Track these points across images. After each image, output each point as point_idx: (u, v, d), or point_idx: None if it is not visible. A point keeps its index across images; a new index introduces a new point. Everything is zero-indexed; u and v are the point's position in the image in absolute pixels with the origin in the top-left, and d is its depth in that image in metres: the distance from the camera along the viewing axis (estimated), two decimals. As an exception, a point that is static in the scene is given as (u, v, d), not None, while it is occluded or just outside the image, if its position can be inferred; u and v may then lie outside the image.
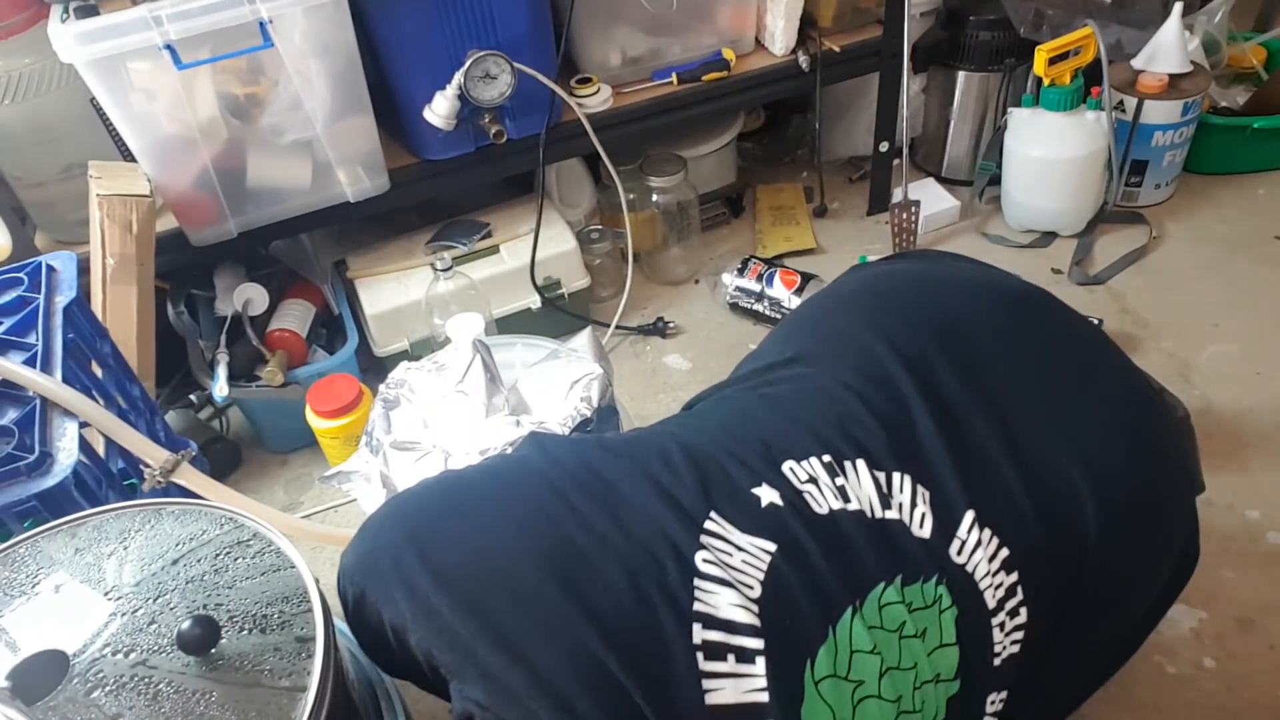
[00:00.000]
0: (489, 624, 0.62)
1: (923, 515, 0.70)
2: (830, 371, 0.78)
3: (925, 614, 0.68)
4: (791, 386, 0.79)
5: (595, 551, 0.65)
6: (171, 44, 1.12)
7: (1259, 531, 1.16)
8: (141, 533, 0.75)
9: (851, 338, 0.81)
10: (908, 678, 0.66)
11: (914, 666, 0.66)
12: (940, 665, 0.68)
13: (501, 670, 0.61)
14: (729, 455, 0.72)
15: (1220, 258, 1.61)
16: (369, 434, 1.03)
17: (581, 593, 0.63)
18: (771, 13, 1.53)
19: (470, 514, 0.70)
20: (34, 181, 1.29)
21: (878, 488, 0.71)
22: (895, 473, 0.72)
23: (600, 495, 0.69)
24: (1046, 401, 0.76)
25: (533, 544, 0.66)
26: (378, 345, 1.46)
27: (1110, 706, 1.00)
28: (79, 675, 0.63)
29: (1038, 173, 1.63)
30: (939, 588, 0.68)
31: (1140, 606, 0.82)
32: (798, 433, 0.74)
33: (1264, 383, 1.36)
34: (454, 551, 0.67)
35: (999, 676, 0.70)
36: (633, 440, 0.76)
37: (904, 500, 0.71)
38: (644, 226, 1.63)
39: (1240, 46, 1.84)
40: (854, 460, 0.72)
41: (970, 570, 0.70)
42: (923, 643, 0.67)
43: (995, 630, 0.70)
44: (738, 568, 0.65)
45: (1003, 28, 1.64)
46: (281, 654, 0.66)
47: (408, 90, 1.34)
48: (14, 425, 0.83)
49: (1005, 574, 0.70)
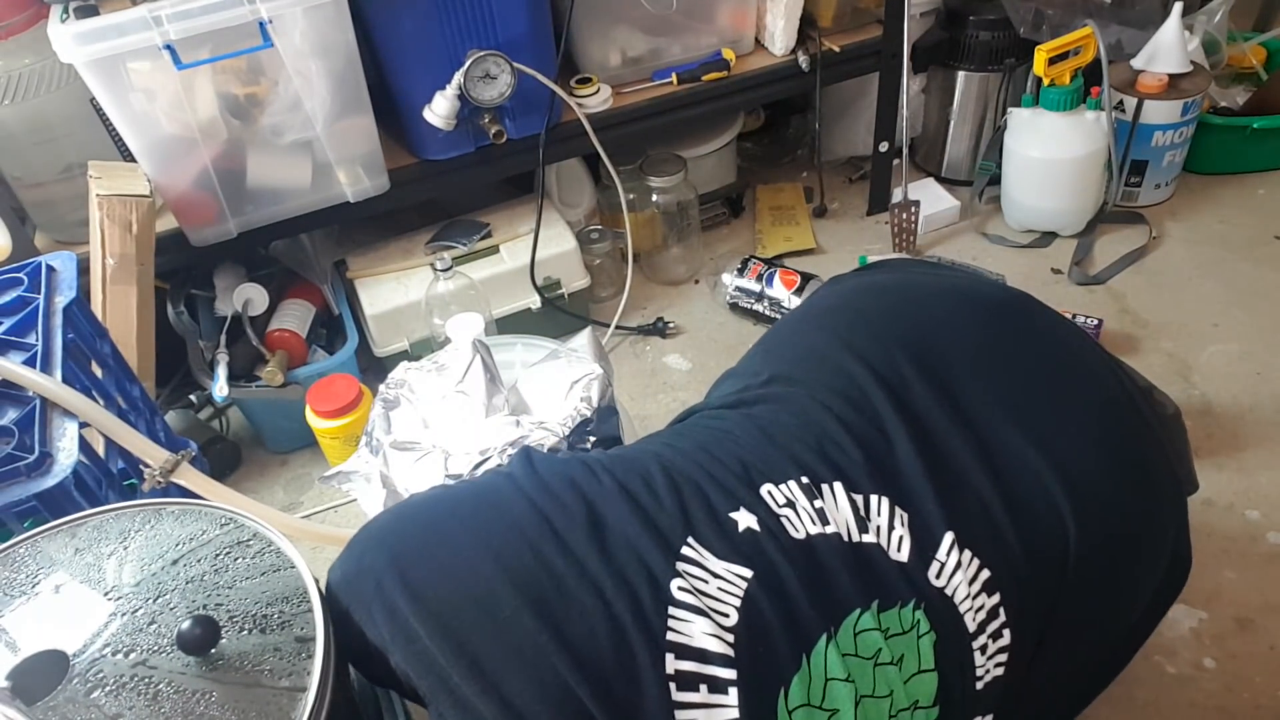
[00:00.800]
0: (464, 651, 0.62)
1: (900, 538, 0.70)
2: (807, 392, 0.79)
3: (902, 640, 0.67)
4: (769, 407, 0.80)
5: (572, 577, 0.65)
6: (171, 44, 1.12)
7: (1259, 531, 1.16)
8: (141, 533, 0.75)
9: (827, 358, 0.81)
10: (883, 706, 0.66)
11: (889, 694, 0.66)
12: (918, 692, 0.67)
13: (474, 697, 0.61)
14: (708, 477, 0.72)
15: (1220, 258, 1.61)
16: (369, 434, 1.03)
17: (556, 620, 0.63)
18: (771, 13, 1.53)
19: (451, 537, 0.70)
20: (34, 181, 1.29)
21: (855, 510, 0.71)
22: (873, 495, 0.72)
23: (580, 517, 0.69)
24: (1023, 414, 0.76)
25: (511, 569, 0.66)
26: (378, 345, 1.46)
27: (1110, 707, 1.00)
28: (79, 675, 0.63)
29: (1038, 173, 1.63)
30: (916, 613, 0.68)
31: (1127, 616, 0.81)
32: (776, 455, 0.74)
33: (1264, 383, 1.36)
34: (434, 575, 0.67)
35: (982, 700, 0.70)
36: (616, 459, 0.77)
37: (881, 523, 0.71)
38: (644, 226, 1.63)
39: (1240, 46, 1.85)
40: (831, 483, 0.72)
41: (950, 594, 0.69)
42: (899, 670, 0.67)
43: (977, 654, 0.69)
44: (713, 595, 0.65)
45: (1003, 28, 1.64)
46: (281, 654, 0.66)
47: (408, 90, 1.34)
48: (14, 425, 0.83)
49: (986, 596, 0.70)
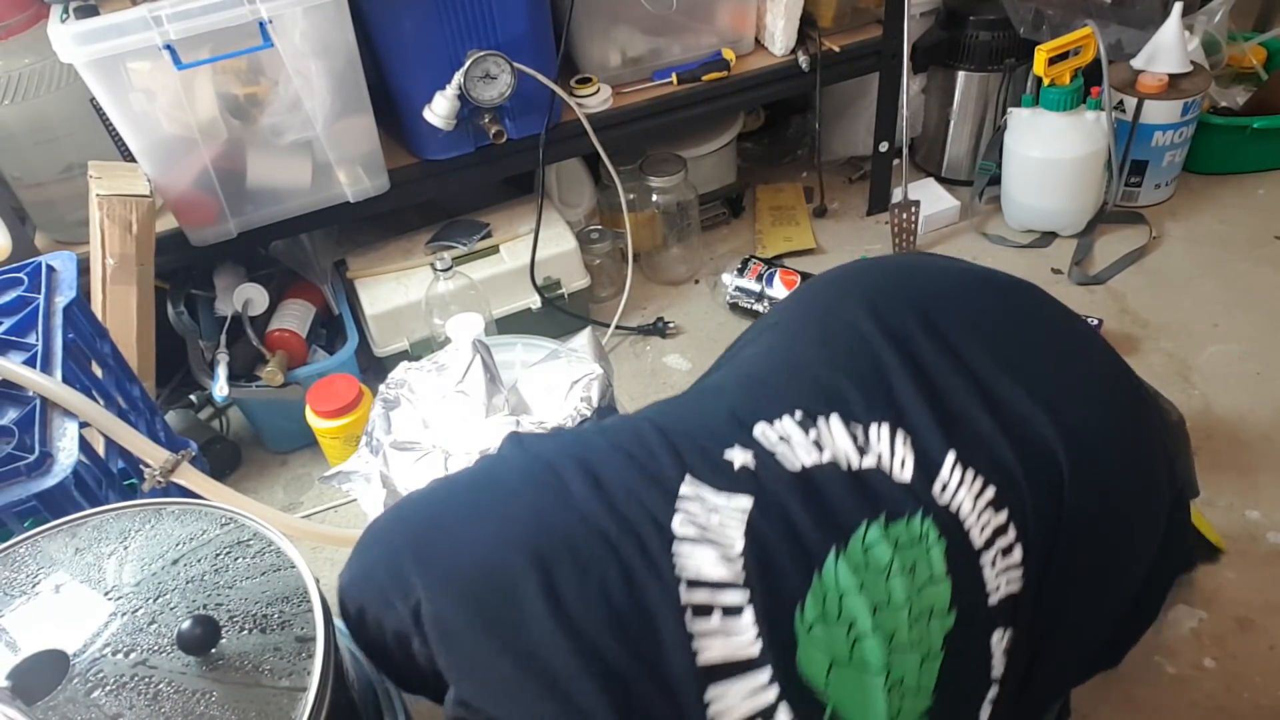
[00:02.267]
0: (482, 612, 0.63)
1: (903, 460, 0.70)
2: (803, 337, 0.80)
3: (912, 550, 0.67)
4: (757, 351, 0.81)
5: (578, 531, 0.65)
6: (171, 44, 1.12)
7: (1259, 531, 1.16)
8: (141, 533, 0.75)
9: (832, 309, 0.82)
10: (899, 616, 0.66)
11: (906, 603, 0.66)
12: (933, 599, 0.67)
13: (494, 656, 0.62)
14: (699, 426, 0.73)
15: (1220, 258, 1.61)
16: (369, 434, 1.03)
17: (566, 575, 0.63)
18: (771, 13, 1.53)
19: (454, 516, 0.71)
20: (34, 181, 1.29)
21: (853, 440, 0.71)
22: (872, 423, 0.72)
23: (577, 476, 0.69)
24: (1025, 373, 0.76)
25: (517, 534, 0.66)
26: (378, 345, 1.46)
27: (1110, 707, 1.00)
28: (79, 675, 0.63)
29: (1038, 173, 1.63)
30: (925, 522, 0.68)
31: (1131, 567, 0.80)
32: (767, 395, 0.75)
33: (1264, 383, 1.36)
34: (443, 550, 0.68)
35: (1000, 615, 0.69)
36: (606, 426, 0.78)
37: (882, 449, 0.71)
38: (644, 226, 1.63)
39: (1240, 46, 1.85)
40: (827, 415, 0.72)
41: (954, 510, 0.69)
42: (912, 578, 0.67)
43: (986, 568, 0.69)
44: (715, 527, 0.66)
45: (1003, 28, 1.64)
46: (281, 654, 0.66)
47: (408, 90, 1.34)
48: (14, 425, 0.83)
49: (994, 512, 0.70)
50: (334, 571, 0.74)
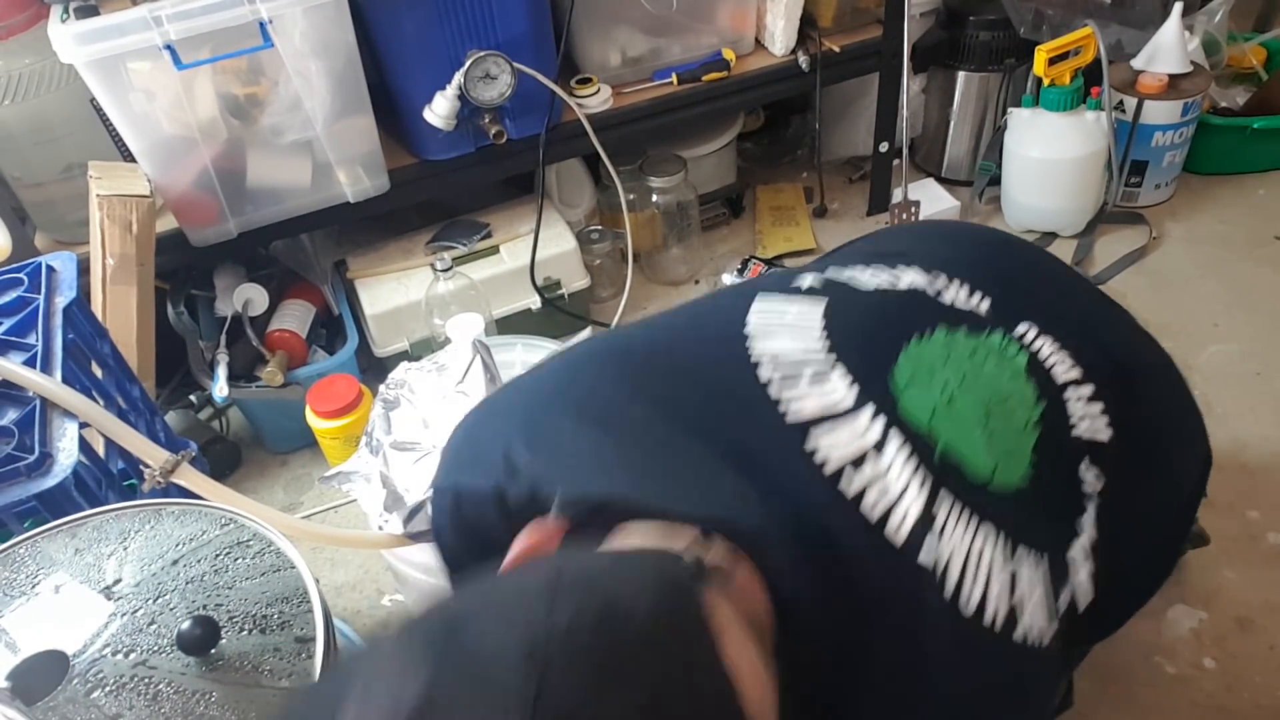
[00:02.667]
0: (589, 430, 0.62)
1: (979, 304, 0.72)
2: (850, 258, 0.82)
3: (994, 356, 0.68)
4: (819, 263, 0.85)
5: (662, 359, 0.67)
6: (171, 44, 1.12)
7: (1259, 531, 1.16)
8: (141, 533, 0.75)
9: (864, 249, 0.85)
10: (987, 391, 0.65)
11: (994, 380, 0.66)
12: (1019, 389, 0.67)
13: (599, 474, 0.60)
14: (764, 282, 0.76)
15: (1220, 258, 1.61)
16: (369, 434, 1.03)
17: (662, 391, 0.64)
18: (771, 13, 1.53)
19: (535, 385, 0.71)
20: (34, 181, 1.29)
21: (930, 281, 0.73)
22: (954, 279, 0.74)
23: (650, 332, 0.72)
24: (1074, 315, 0.78)
25: (605, 378, 0.66)
26: (378, 345, 1.46)
27: (1110, 707, 1.00)
28: (79, 675, 0.63)
29: (1038, 173, 1.63)
30: (1006, 338, 0.69)
31: (1179, 485, 0.81)
32: (836, 260, 0.79)
33: (1264, 383, 1.36)
34: (536, 401, 0.67)
35: (1084, 450, 0.68)
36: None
37: (959, 295, 0.73)
38: (644, 226, 1.63)
39: (1240, 46, 1.84)
40: (903, 265, 0.75)
41: (1034, 350, 0.69)
42: (997, 367, 0.67)
43: (1070, 401, 0.69)
44: (793, 322, 0.67)
45: (1003, 28, 1.63)
46: (281, 654, 0.66)
47: (408, 90, 1.34)
48: (14, 425, 0.83)
49: (1072, 365, 0.70)
50: (334, 571, 0.74)
